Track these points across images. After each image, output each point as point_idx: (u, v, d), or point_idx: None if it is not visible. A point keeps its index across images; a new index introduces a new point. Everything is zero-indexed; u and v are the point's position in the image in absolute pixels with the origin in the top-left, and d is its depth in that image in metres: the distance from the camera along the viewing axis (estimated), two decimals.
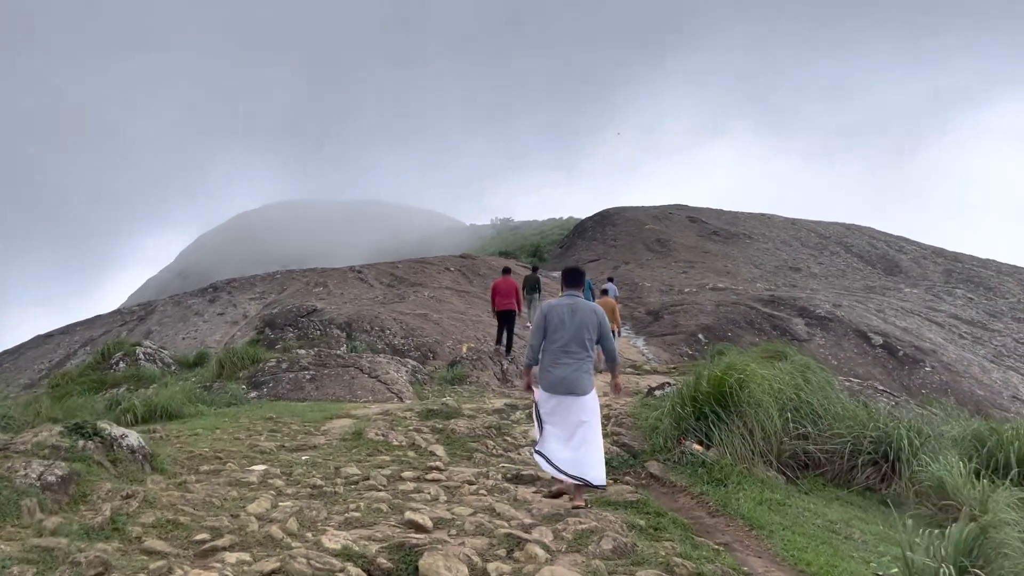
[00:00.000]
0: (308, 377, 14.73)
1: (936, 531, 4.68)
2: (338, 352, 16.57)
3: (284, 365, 15.37)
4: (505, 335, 17.28)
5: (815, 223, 40.94)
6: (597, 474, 6.03)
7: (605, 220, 42.15)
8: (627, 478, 7.48)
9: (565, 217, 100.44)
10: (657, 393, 10.73)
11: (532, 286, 21.88)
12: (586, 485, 6.05)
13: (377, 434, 8.34)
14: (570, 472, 5.98)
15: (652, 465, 7.75)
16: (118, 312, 30.27)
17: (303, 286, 29.63)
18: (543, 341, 6.20)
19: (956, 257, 35.56)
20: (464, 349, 19.28)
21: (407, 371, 15.72)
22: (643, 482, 7.45)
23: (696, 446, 7.82)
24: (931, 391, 18.24)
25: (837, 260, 34.42)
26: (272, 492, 6.16)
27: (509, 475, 7.13)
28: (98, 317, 29.90)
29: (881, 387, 15.32)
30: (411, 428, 8.88)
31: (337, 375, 14.78)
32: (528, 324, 22.69)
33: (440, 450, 7.93)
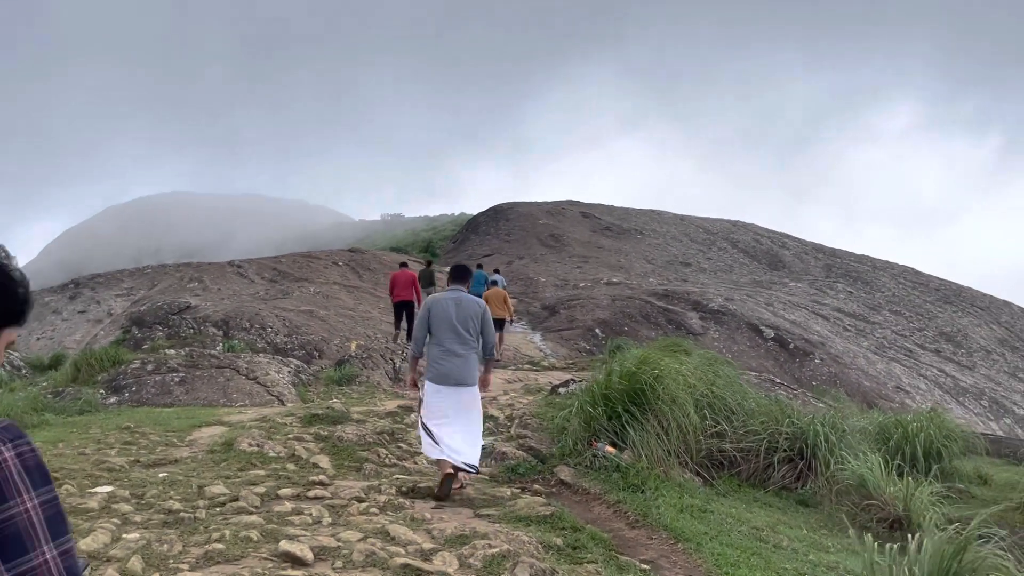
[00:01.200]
0: (177, 380, 13.32)
1: (895, 547, 4.14)
2: (212, 352, 15.16)
3: (150, 367, 13.88)
4: (404, 323, 17.88)
5: (703, 219, 41.76)
6: (474, 459, 6.29)
7: (498, 215, 41.60)
8: (536, 486, 6.75)
9: (457, 213, 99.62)
10: (562, 391, 10.08)
11: (428, 280, 21.79)
12: (463, 469, 6.27)
13: (251, 444, 7.28)
14: (455, 458, 6.17)
15: (562, 471, 7.05)
16: None
17: (176, 281, 27.55)
18: (428, 334, 6.37)
19: (834, 253, 36.97)
20: (353, 347, 18.15)
21: (290, 372, 14.51)
22: (553, 490, 6.74)
23: (609, 448, 7.18)
24: (821, 382, 18.51)
25: (725, 255, 35.10)
26: (115, 521, 5.07)
27: (404, 488, 6.25)
28: None
29: (778, 380, 15.29)
30: (291, 436, 7.85)
31: (210, 377, 13.43)
32: None
33: (325, 461, 6.96)
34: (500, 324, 17.32)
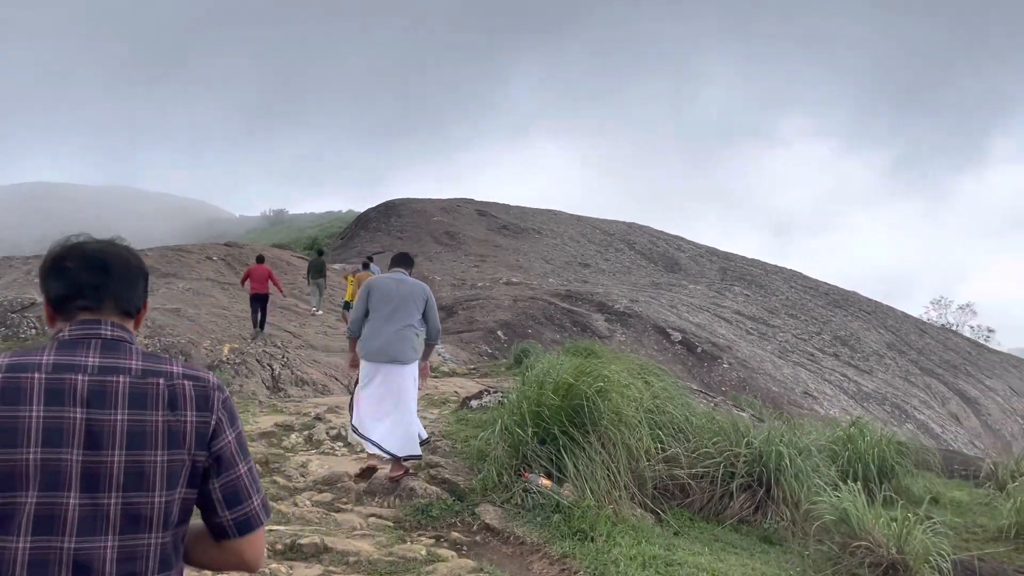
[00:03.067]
0: None
1: None
2: None
3: None
4: (259, 315, 18.26)
5: (600, 220, 41.22)
6: (414, 446, 6.09)
7: (390, 211, 39.65)
8: (455, 533, 5.23)
9: (345, 210, 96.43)
10: (474, 404, 8.58)
11: (318, 270, 22.01)
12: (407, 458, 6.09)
13: None
14: (388, 448, 5.98)
15: (487, 511, 5.56)
16: None
17: (22, 275, 24.27)
18: (366, 313, 6.13)
19: (728, 256, 37.11)
20: (226, 350, 16.01)
21: None
22: (477, 538, 5.24)
23: (544, 481, 5.75)
24: (731, 387, 17.80)
25: (623, 257, 34.54)
26: None
27: (280, 547, 4.60)
28: None
29: (695, 387, 14.34)
30: None
31: None
32: (318, 309, 22.49)
33: None
34: None
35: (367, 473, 6.23)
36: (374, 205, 42.57)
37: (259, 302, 18.21)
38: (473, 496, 5.87)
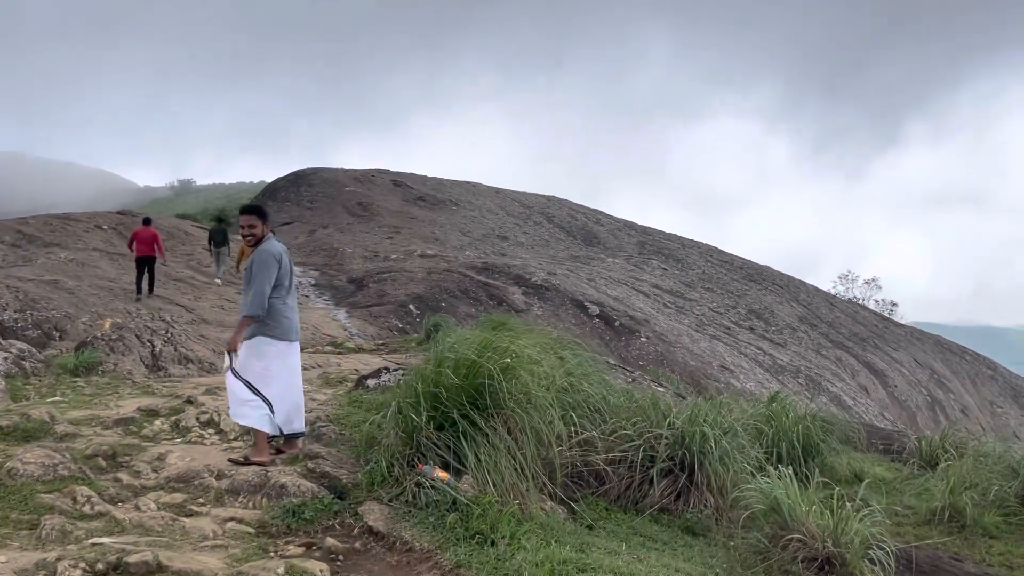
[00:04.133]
0: None
1: None
2: None
3: None
4: (147, 279, 18.03)
5: (519, 193, 40.50)
6: (301, 422, 5.90)
7: (300, 181, 37.91)
8: (330, 540, 4.38)
9: (256, 180, 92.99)
10: (371, 383, 7.69)
11: (221, 239, 21.41)
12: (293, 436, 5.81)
13: None
14: (286, 430, 5.73)
15: (371, 511, 4.72)
16: None
17: None
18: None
19: (645, 230, 36.98)
20: (107, 325, 14.58)
21: (4, 358, 10.96)
22: (357, 545, 4.41)
23: (440, 473, 4.95)
24: (648, 362, 17.40)
25: (541, 230, 33.94)
26: None
27: (101, 564, 3.66)
28: None
29: (613, 362, 13.78)
30: None
31: None
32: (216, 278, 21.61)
33: None
34: None
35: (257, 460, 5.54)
36: (284, 174, 40.72)
37: (145, 264, 17.94)
38: (357, 493, 5.02)
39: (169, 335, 12.45)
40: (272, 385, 5.60)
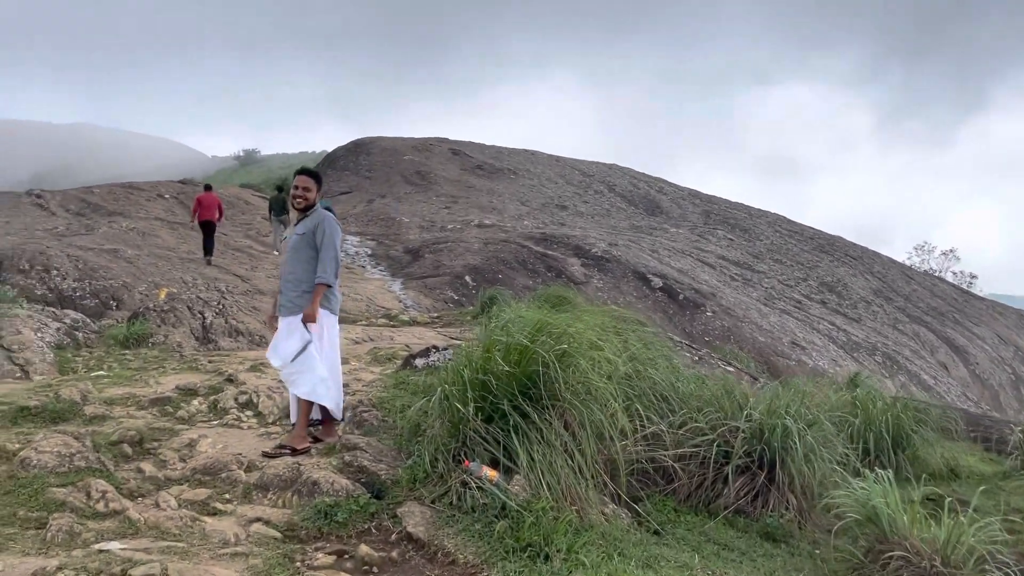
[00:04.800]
0: None
1: None
2: None
3: None
4: (207, 244, 18.53)
5: (578, 161, 39.58)
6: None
7: (359, 149, 37.71)
8: (364, 547, 3.90)
9: (318, 150, 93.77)
10: (419, 363, 7.20)
11: (281, 207, 21.12)
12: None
13: None
14: (338, 414, 5.42)
15: (411, 513, 4.22)
16: None
17: None
18: None
19: (711, 199, 35.74)
20: (162, 295, 14.51)
21: (58, 329, 10.87)
22: (394, 555, 3.91)
23: (489, 471, 4.42)
24: (715, 338, 16.61)
25: (602, 199, 33.05)
26: None
27: None
28: None
29: (677, 338, 13.06)
30: None
31: None
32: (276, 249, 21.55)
33: None
34: None
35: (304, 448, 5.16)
36: (343, 144, 40.62)
37: (208, 229, 18.51)
38: (397, 491, 4.52)
39: (221, 307, 12.22)
40: (331, 363, 5.27)
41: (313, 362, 5.04)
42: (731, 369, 11.60)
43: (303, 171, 5.32)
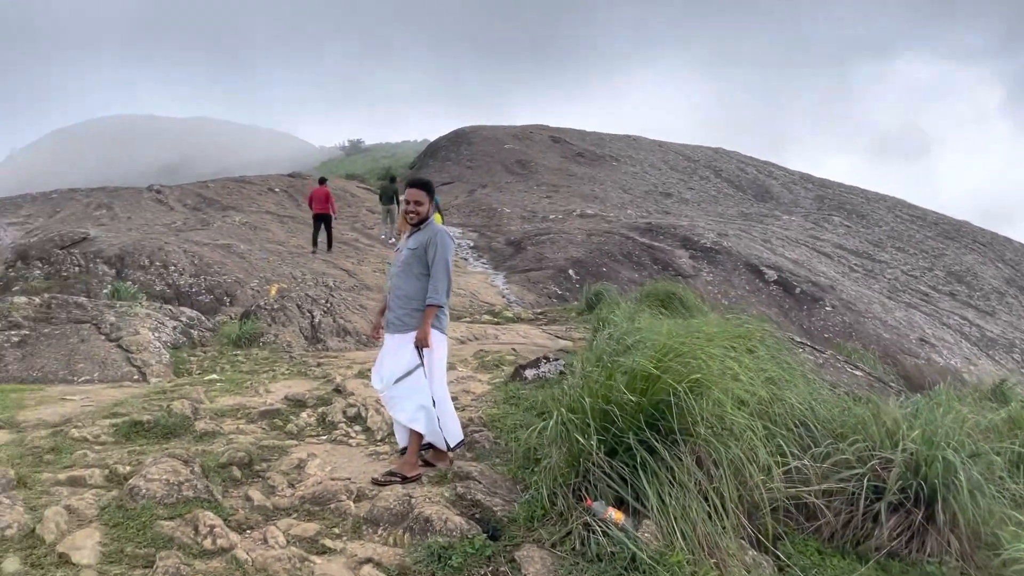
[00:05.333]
0: (15, 340, 9.96)
1: None
2: (78, 300, 11.69)
3: None
4: (324, 235, 19.23)
5: (682, 146, 38.39)
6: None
7: (460, 139, 37.77)
8: None
9: (420, 139, 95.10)
10: (529, 375, 6.86)
11: (390, 196, 21.49)
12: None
13: None
14: (453, 442, 4.99)
15: (530, 558, 3.88)
16: None
17: (82, 208, 23.67)
18: None
19: (824, 183, 34.00)
20: (273, 291, 14.76)
21: (174, 327, 11.13)
22: None
23: (614, 512, 4.02)
24: (835, 334, 15.62)
25: (708, 185, 31.92)
26: None
27: None
28: None
29: (798, 339, 12.27)
30: (62, 480, 4.55)
31: (61, 336, 10.06)
32: (390, 237, 21.86)
33: (86, 550, 3.70)
34: None
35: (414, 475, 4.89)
36: (445, 134, 40.80)
37: (321, 221, 19.18)
38: (514, 530, 4.19)
39: (329, 305, 12.26)
40: (439, 387, 4.93)
41: (417, 387, 4.76)
42: (859, 373, 10.78)
43: (414, 183, 5.01)
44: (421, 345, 4.72)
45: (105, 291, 14.60)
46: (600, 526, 3.93)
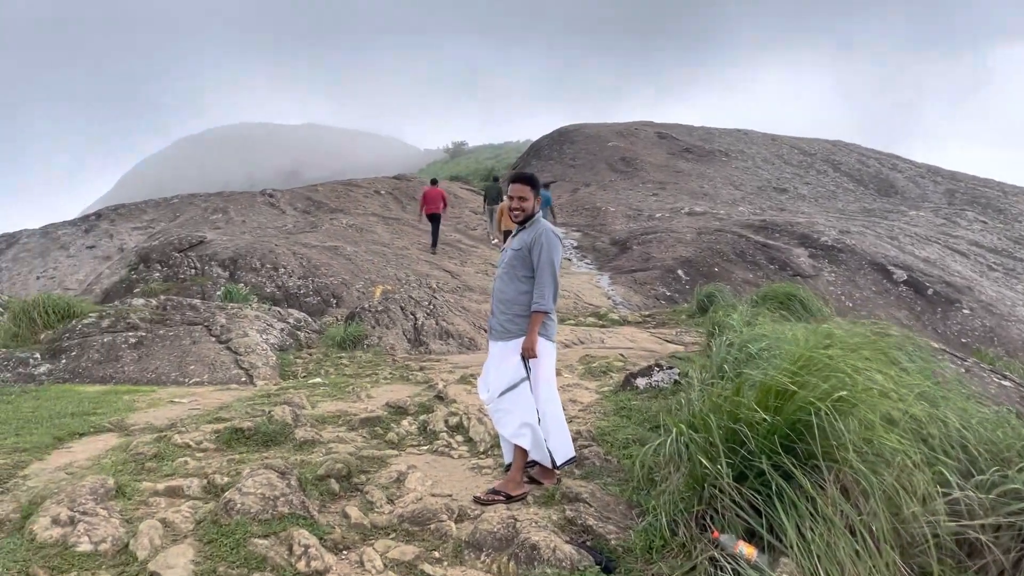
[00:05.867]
0: (132, 341, 10.23)
1: None
2: (192, 301, 11.98)
3: (105, 323, 10.83)
4: (433, 235, 19.81)
5: (797, 139, 36.70)
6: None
7: (563, 138, 37.38)
8: None
9: (522, 140, 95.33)
10: (640, 383, 6.39)
11: (495, 196, 21.61)
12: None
13: (61, 520, 3.88)
14: (560, 459, 4.54)
15: None
16: None
17: (200, 213, 24.63)
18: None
19: (954, 176, 31.73)
20: (378, 293, 14.81)
21: (281, 330, 11.22)
22: None
23: (745, 547, 3.54)
24: (973, 340, 14.35)
25: (825, 180, 30.32)
26: None
27: None
28: None
29: (936, 344, 11.23)
30: (161, 490, 4.44)
31: (174, 338, 10.27)
32: (493, 237, 22.03)
33: (178, 571, 3.52)
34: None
35: (517, 494, 4.52)
36: (547, 133, 40.51)
37: (434, 221, 19.81)
38: (630, 562, 3.77)
39: (432, 307, 12.12)
40: (547, 399, 4.52)
41: (523, 401, 4.39)
42: (1008, 384, 9.73)
43: (517, 178, 4.65)
44: (527, 355, 4.37)
45: (218, 292, 15.01)
46: (729, 562, 3.46)
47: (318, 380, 8.40)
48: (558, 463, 4.52)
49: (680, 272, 16.90)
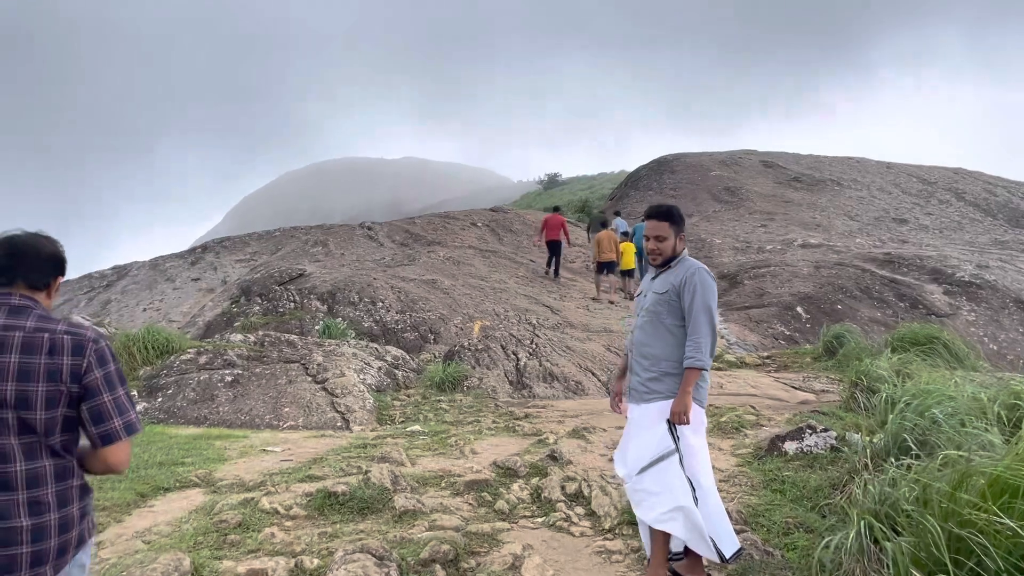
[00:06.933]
0: (228, 380, 9.92)
1: None
2: (289, 337, 11.67)
3: (203, 359, 10.58)
4: (554, 262, 19.80)
5: (915, 167, 34.55)
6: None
7: (662, 167, 36.36)
8: None
9: (616, 171, 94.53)
10: (790, 449, 5.46)
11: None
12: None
13: None
14: (728, 552, 3.65)
15: None
16: (87, 276, 25.88)
17: (300, 245, 24.83)
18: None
19: None
20: (476, 329, 14.23)
21: (379, 368, 10.73)
22: None
23: None
24: None
25: (949, 210, 28.24)
26: None
27: None
28: (65, 282, 25.59)
29: None
30: (241, 573, 3.83)
31: (270, 377, 9.91)
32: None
33: None
34: (611, 267, 18.16)
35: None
36: (645, 162, 39.60)
37: (554, 250, 19.64)
38: None
39: (534, 346, 11.42)
40: (703, 476, 3.71)
41: (672, 479, 3.59)
42: None
43: (653, 214, 3.85)
44: (677, 421, 3.58)
45: (317, 327, 14.77)
46: None
47: (417, 427, 7.79)
48: (727, 556, 3.66)
49: (799, 309, 15.66)
